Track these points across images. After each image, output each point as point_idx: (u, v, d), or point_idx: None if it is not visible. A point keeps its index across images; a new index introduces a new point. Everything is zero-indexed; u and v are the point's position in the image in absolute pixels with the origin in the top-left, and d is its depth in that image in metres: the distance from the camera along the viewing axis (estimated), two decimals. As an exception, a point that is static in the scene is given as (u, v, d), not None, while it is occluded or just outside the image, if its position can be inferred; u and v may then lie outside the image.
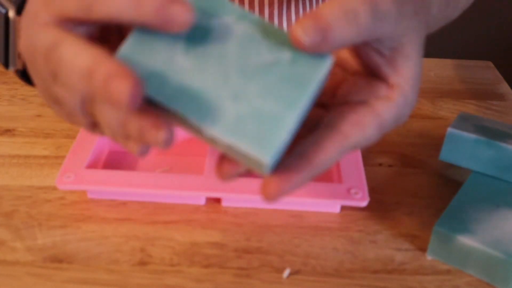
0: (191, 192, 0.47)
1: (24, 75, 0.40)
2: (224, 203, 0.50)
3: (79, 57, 0.29)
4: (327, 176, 0.53)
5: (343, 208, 0.50)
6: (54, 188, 0.51)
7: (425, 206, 0.51)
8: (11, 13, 0.37)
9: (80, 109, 0.33)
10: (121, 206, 0.50)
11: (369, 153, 0.57)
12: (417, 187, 0.54)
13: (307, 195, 0.47)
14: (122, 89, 0.27)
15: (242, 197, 0.47)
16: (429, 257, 0.46)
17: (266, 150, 0.29)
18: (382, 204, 0.51)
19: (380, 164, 0.56)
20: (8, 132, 0.58)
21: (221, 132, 0.29)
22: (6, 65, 0.40)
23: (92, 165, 0.51)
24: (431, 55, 0.79)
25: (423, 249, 0.47)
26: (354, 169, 0.50)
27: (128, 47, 0.30)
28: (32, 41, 0.31)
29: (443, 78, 0.72)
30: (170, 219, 0.48)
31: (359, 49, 0.34)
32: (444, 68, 0.74)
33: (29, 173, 0.53)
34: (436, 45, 1.48)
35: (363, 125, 0.33)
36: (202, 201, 0.50)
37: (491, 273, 0.43)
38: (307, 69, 0.30)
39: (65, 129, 0.59)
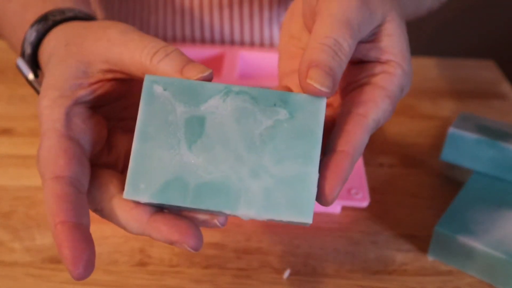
0: None
1: None
2: None
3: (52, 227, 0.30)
4: None
5: (344, 208, 0.50)
6: (53, 188, 0.51)
7: (426, 207, 0.51)
8: (31, 76, 0.40)
9: None
10: (120, 207, 0.49)
11: (370, 153, 0.57)
12: (418, 187, 0.53)
13: None
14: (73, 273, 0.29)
15: None
16: (430, 257, 0.46)
17: (305, 213, 0.30)
18: (382, 204, 0.51)
19: (381, 164, 0.56)
20: (6, 132, 0.58)
21: (257, 212, 0.30)
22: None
23: None
24: (432, 55, 0.79)
25: (424, 250, 0.46)
26: (355, 169, 0.50)
27: (131, 179, 0.31)
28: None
29: (444, 78, 0.71)
30: (170, 220, 0.48)
31: None
32: (445, 68, 0.73)
33: (27, 173, 0.53)
34: (437, 45, 1.47)
35: (375, 100, 0.34)
36: None
37: (492, 274, 0.43)
38: (308, 118, 0.31)
39: (64, 129, 0.59)
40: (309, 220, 0.30)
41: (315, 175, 0.30)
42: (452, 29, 1.47)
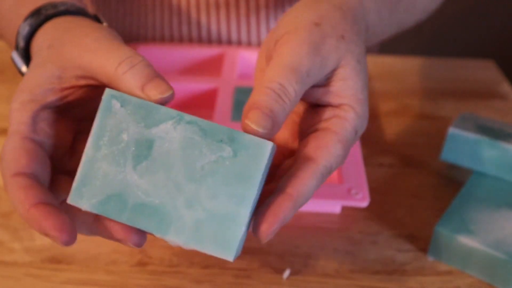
0: None
1: None
2: None
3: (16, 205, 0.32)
4: (328, 177, 0.53)
5: (344, 208, 0.50)
6: (53, 188, 0.51)
7: (426, 207, 0.51)
8: (24, 68, 0.42)
9: None
10: (120, 207, 0.49)
11: (370, 153, 0.57)
12: (418, 187, 0.53)
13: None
14: (57, 242, 0.31)
15: None
16: (430, 257, 0.46)
17: (226, 251, 0.31)
18: (382, 204, 0.51)
19: (381, 164, 0.56)
20: (6, 132, 0.58)
21: (184, 241, 0.32)
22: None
23: None
24: (432, 55, 0.79)
25: (424, 250, 0.46)
26: (355, 169, 0.50)
27: (76, 187, 0.32)
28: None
29: (444, 78, 0.71)
30: (170, 220, 0.48)
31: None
32: (445, 68, 0.73)
33: (27, 173, 0.53)
34: (437, 45, 1.47)
35: (326, 146, 0.34)
36: None
37: (492, 274, 0.43)
38: (249, 160, 0.31)
39: (64, 129, 0.59)
40: (230, 258, 0.31)
41: (245, 217, 0.31)
42: (452, 29, 1.47)
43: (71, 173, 0.35)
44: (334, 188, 0.48)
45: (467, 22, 1.46)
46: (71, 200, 0.32)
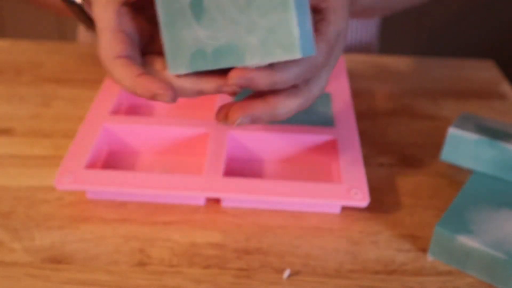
0: (190, 192, 0.47)
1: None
2: (224, 204, 0.50)
3: (123, 81, 0.39)
4: (327, 177, 0.53)
5: (344, 208, 0.50)
6: (53, 189, 0.51)
7: (426, 207, 0.51)
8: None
9: None
10: (120, 207, 0.49)
11: (370, 153, 0.57)
12: (418, 187, 0.53)
13: (307, 196, 0.47)
14: (165, 98, 0.38)
15: (242, 197, 0.47)
16: (430, 257, 0.46)
17: (292, 49, 0.36)
18: (382, 204, 0.51)
19: (381, 164, 0.56)
20: (6, 132, 0.58)
21: (259, 59, 0.37)
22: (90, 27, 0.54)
23: (91, 165, 0.51)
24: (432, 55, 0.79)
25: (424, 250, 0.46)
26: (355, 169, 0.50)
27: (169, 59, 0.39)
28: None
29: (444, 78, 0.71)
30: (170, 220, 0.48)
31: None
32: (445, 68, 0.73)
33: (27, 173, 0.53)
34: (437, 45, 1.47)
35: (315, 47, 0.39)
36: (201, 202, 0.50)
37: (492, 274, 0.43)
38: None
39: (64, 129, 0.59)
40: (297, 54, 0.35)
41: (293, 17, 0.35)
42: (452, 29, 1.47)
43: (157, 54, 0.42)
44: (333, 188, 0.48)
45: (467, 22, 1.46)
46: (171, 70, 0.39)
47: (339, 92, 0.60)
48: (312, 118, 0.57)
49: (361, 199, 0.47)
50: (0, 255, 0.44)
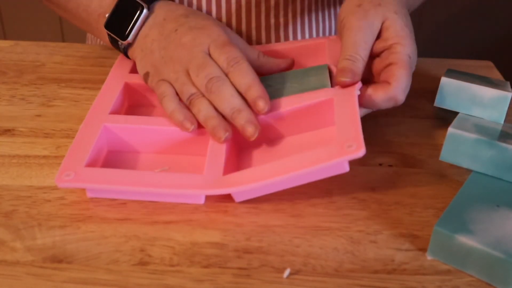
0: (191, 190, 0.47)
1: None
2: (236, 199, 0.50)
3: (235, 98, 0.52)
4: (327, 138, 0.53)
5: (343, 208, 0.50)
6: (54, 188, 0.51)
7: (425, 206, 0.51)
8: (145, 10, 0.58)
9: (189, 95, 0.54)
10: (121, 206, 0.49)
11: (370, 153, 0.57)
12: (417, 187, 0.54)
13: (307, 166, 0.46)
14: (251, 131, 0.51)
15: (245, 188, 0.47)
16: (429, 257, 0.46)
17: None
18: (382, 204, 0.51)
19: (380, 164, 0.56)
20: (7, 132, 0.58)
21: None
22: (124, 39, 0.60)
23: (91, 164, 0.51)
24: (432, 55, 0.79)
25: (423, 249, 0.47)
26: (349, 123, 0.49)
27: None
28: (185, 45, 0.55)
29: (443, 78, 0.71)
30: (170, 219, 0.48)
31: None
32: (444, 68, 0.73)
33: (28, 173, 0.53)
34: (437, 45, 1.47)
35: (394, 74, 0.52)
36: (201, 200, 0.50)
37: (491, 273, 0.43)
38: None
39: (65, 129, 0.59)
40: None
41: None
42: (452, 30, 1.47)
43: None
44: (329, 149, 0.47)
45: (467, 22, 1.46)
46: None
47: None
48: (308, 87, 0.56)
49: (356, 150, 0.46)
50: (1, 254, 0.45)
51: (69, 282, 0.42)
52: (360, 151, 0.46)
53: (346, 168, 0.48)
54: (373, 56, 0.55)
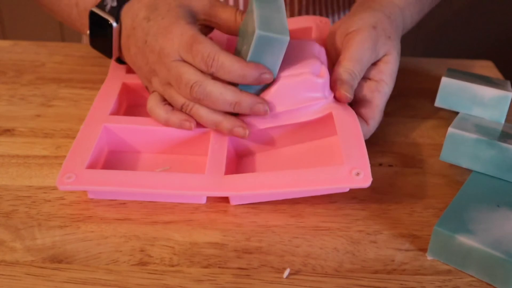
0: (193, 191, 0.47)
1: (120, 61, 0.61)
2: (232, 202, 0.50)
3: (226, 94, 0.50)
4: (329, 156, 0.53)
5: (343, 208, 0.50)
6: (54, 188, 0.51)
7: (425, 206, 0.51)
8: (113, 24, 0.56)
9: (180, 106, 0.52)
10: (120, 206, 0.49)
11: (369, 153, 0.57)
12: (417, 187, 0.54)
13: (309, 185, 0.47)
14: (263, 108, 0.51)
15: (246, 194, 0.48)
16: (429, 257, 0.46)
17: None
18: (382, 204, 0.51)
19: (380, 164, 0.56)
20: (7, 132, 0.58)
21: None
22: (110, 56, 0.59)
23: (92, 166, 0.51)
24: (432, 55, 0.80)
25: (423, 249, 0.47)
26: (357, 150, 0.49)
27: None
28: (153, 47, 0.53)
29: (443, 78, 0.71)
30: (170, 219, 0.48)
31: None
32: (444, 68, 0.73)
33: (28, 173, 0.53)
34: (437, 45, 1.47)
35: (371, 117, 0.56)
36: (203, 200, 0.50)
37: (491, 274, 0.43)
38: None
39: (65, 129, 0.59)
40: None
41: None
42: (452, 30, 1.47)
43: None
44: (335, 171, 0.47)
45: (466, 22, 1.46)
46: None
47: None
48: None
49: (363, 180, 0.46)
50: (1, 254, 0.45)
51: (68, 282, 0.42)
52: (367, 182, 0.46)
53: (347, 189, 0.49)
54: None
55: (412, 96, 0.68)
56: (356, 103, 0.56)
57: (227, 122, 0.51)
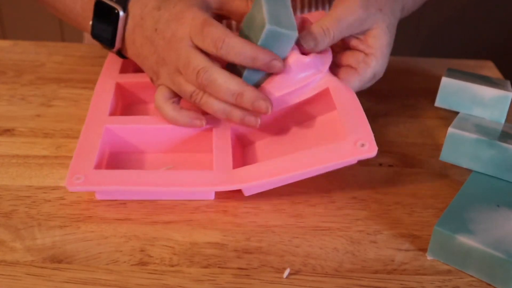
0: (205, 187, 0.48)
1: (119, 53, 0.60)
2: (246, 193, 0.50)
3: (230, 83, 0.49)
4: (332, 131, 0.53)
5: (343, 208, 0.50)
6: (54, 188, 0.51)
7: (425, 206, 0.51)
8: (121, 12, 0.55)
9: (189, 95, 0.52)
10: (120, 206, 0.49)
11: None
12: (417, 187, 0.54)
13: (318, 163, 0.47)
14: (264, 106, 0.49)
15: (259, 183, 0.48)
16: (429, 257, 0.46)
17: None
18: (382, 204, 0.51)
19: (380, 164, 0.56)
20: (7, 132, 0.58)
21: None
22: (112, 46, 0.58)
23: (97, 167, 0.51)
24: (432, 55, 0.80)
25: (423, 249, 0.47)
26: (360, 121, 0.49)
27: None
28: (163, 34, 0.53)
29: (443, 78, 0.71)
30: (170, 219, 0.48)
31: (343, 39, 0.56)
32: (444, 68, 0.73)
33: (28, 173, 0.53)
34: (436, 45, 1.47)
35: (349, 80, 0.54)
36: (211, 196, 0.50)
37: (491, 274, 0.43)
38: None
39: (65, 129, 0.59)
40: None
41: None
42: (451, 30, 1.47)
43: None
44: (340, 146, 0.47)
45: (466, 22, 1.46)
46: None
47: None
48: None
49: (369, 150, 0.47)
50: (1, 254, 0.45)
51: (69, 282, 0.42)
52: (373, 151, 0.47)
53: (355, 161, 0.49)
54: (346, 46, 0.56)
55: (412, 96, 0.68)
56: (341, 70, 0.55)
57: (238, 111, 0.50)
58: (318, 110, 0.54)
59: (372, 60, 0.54)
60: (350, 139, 0.48)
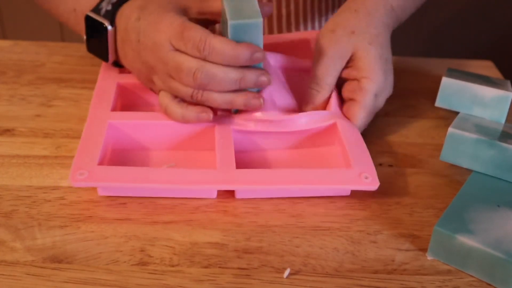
0: (209, 185, 0.48)
1: (117, 64, 0.61)
2: (238, 195, 0.50)
3: (230, 72, 0.50)
4: (334, 161, 0.55)
5: (343, 208, 0.50)
6: (54, 188, 0.51)
7: (425, 206, 0.51)
8: (109, 27, 0.56)
9: (189, 95, 0.52)
10: (120, 206, 0.49)
11: (370, 153, 0.57)
12: (418, 187, 0.53)
13: (320, 183, 0.49)
14: (267, 79, 0.52)
15: (258, 187, 0.48)
16: (429, 257, 0.46)
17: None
18: (382, 204, 0.51)
19: (381, 164, 0.56)
20: (7, 132, 0.58)
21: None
22: (107, 59, 0.59)
23: (100, 163, 0.51)
24: (432, 55, 0.80)
25: (423, 249, 0.47)
26: (363, 155, 0.51)
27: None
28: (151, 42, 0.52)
29: (443, 78, 0.71)
30: (170, 219, 0.48)
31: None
32: (444, 68, 0.73)
33: (28, 173, 0.53)
34: (437, 45, 1.47)
35: (354, 114, 0.56)
36: (213, 195, 0.50)
37: (491, 274, 0.43)
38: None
39: (65, 129, 0.59)
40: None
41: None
42: (452, 30, 1.47)
43: None
44: (344, 173, 0.50)
45: (466, 22, 1.46)
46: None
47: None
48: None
49: (371, 184, 0.49)
50: (1, 254, 0.45)
51: (69, 282, 0.42)
52: (375, 185, 0.49)
53: (348, 192, 0.51)
54: (343, 80, 0.57)
55: (412, 96, 0.68)
56: (344, 104, 0.57)
57: (240, 97, 0.52)
58: (318, 141, 0.56)
59: (366, 83, 0.55)
60: (355, 170, 0.50)
